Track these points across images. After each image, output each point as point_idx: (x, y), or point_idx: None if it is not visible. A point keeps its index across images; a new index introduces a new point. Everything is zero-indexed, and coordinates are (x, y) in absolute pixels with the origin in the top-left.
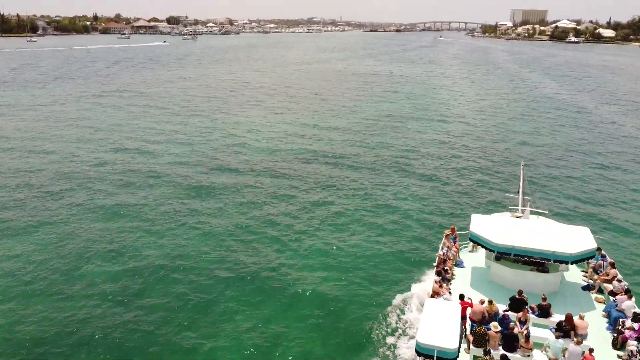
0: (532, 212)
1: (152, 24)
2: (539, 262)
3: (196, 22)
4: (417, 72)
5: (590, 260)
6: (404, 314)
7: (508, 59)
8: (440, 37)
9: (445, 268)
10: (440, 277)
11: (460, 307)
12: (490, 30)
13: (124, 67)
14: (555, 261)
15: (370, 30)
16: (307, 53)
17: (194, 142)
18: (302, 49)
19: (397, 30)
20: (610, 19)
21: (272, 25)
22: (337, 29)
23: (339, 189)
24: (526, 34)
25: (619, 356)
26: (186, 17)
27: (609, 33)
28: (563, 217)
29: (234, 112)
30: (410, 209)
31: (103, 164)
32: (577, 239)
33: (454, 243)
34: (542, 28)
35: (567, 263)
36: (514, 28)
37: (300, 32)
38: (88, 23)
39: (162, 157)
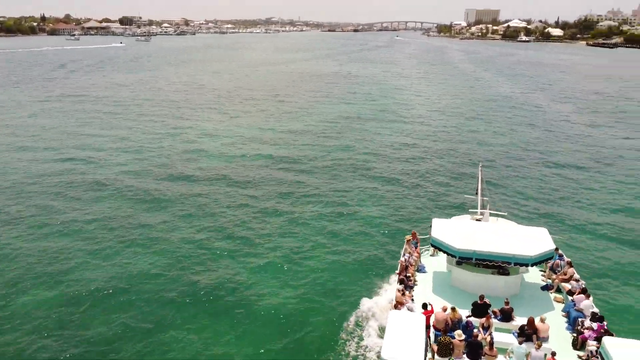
0: (491, 214)
1: (104, 24)
2: (500, 265)
3: (150, 23)
4: (375, 72)
5: (548, 260)
6: (367, 327)
7: (463, 58)
8: (397, 36)
9: (408, 275)
10: (403, 285)
11: (424, 317)
12: (445, 29)
13: (72, 70)
14: (515, 264)
15: (329, 30)
16: (265, 54)
17: (144, 150)
18: (260, 49)
19: (355, 30)
20: (558, 18)
21: (229, 25)
22: (295, 29)
23: (296, 196)
24: (480, 34)
25: (579, 356)
26: (140, 18)
27: (557, 32)
28: (521, 217)
29: (188, 116)
30: (370, 215)
31: (42, 175)
32: (536, 240)
33: (416, 248)
34: (494, 28)
35: (527, 265)
36: (468, 28)
37: (258, 32)
38: (35, 24)
39: (108, 166)
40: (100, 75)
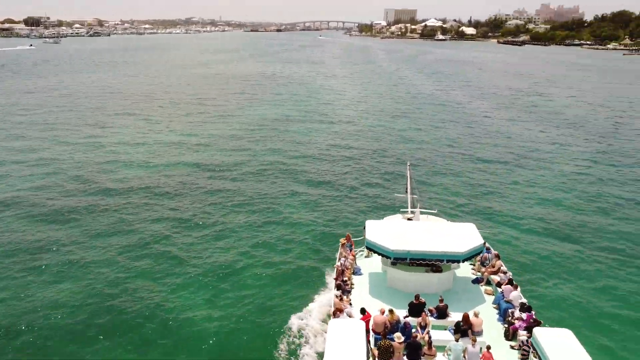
0: (422, 212)
1: (7, 25)
2: (433, 263)
3: (60, 23)
4: (300, 72)
5: (478, 254)
6: (306, 338)
7: (386, 57)
8: (320, 36)
9: (345, 279)
10: (341, 291)
11: (363, 323)
12: (366, 29)
13: None
14: (448, 261)
15: (252, 30)
16: (186, 55)
17: (53, 162)
18: (181, 51)
19: (278, 30)
20: (470, 17)
21: (147, 26)
22: (217, 29)
23: (223, 205)
24: (399, 33)
25: (511, 347)
26: (48, 18)
27: (470, 31)
28: (450, 213)
29: (103, 124)
30: (302, 221)
31: None
32: (466, 237)
33: (351, 251)
34: (413, 27)
35: (459, 262)
36: (388, 27)
37: (178, 32)
38: None
39: (10, 182)
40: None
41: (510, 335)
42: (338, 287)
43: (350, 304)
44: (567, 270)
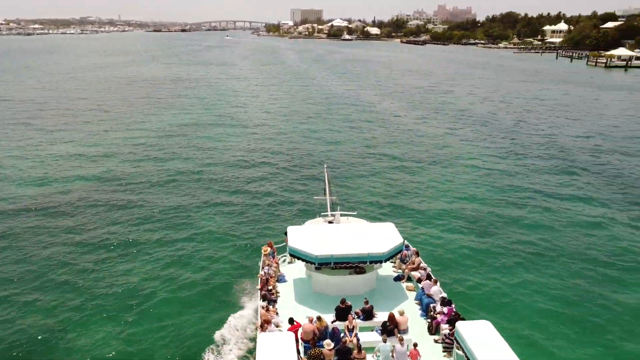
0: (342, 214)
1: None
2: (357, 265)
3: None
4: (209, 74)
5: (398, 253)
6: (235, 356)
7: (296, 57)
8: (227, 36)
9: (269, 288)
10: (267, 301)
11: (292, 334)
12: (274, 29)
13: None
14: (371, 262)
15: (154, 30)
16: (83, 58)
17: None
18: (76, 53)
19: (183, 30)
20: (374, 18)
21: (36, 25)
22: (115, 29)
23: (128, 222)
24: (307, 33)
25: (435, 340)
26: None
27: (375, 31)
28: (369, 214)
29: None
30: (219, 232)
31: None
32: (386, 236)
33: (274, 258)
34: (319, 27)
35: (381, 262)
36: (295, 27)
37: (72, 33)
38: None
39: None
40: None
41: (434, 329)
42: (263, 297)
43: (277, 314)
44: (483, 264)
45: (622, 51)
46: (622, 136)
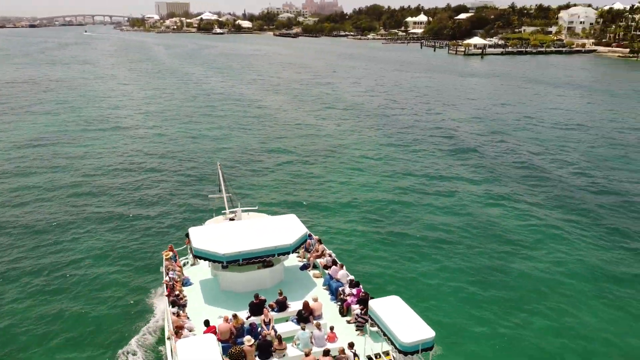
0: (243, 210)
1: None
2: (265, 259)
3: None
4: (70, 75)
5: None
6: None
7: (168, 53)
8: (86, 32)
9: (177, 293)
10: (176, 307)
11: (213, 335)
12: (138, 23)
13: None
14: (279, 254)
15: None
16: None
17: None
18: None
19: (32, 26)
20: (245, 11)
21: None
22: None
23: (6, 244)
24: (175, 27)
25: (347, 321)
26: None
27: (247, 24)
28: (269, 208)
29: None
30: (109, 245)
31: None
32: (290, 228)
33: (176, 262)
34: (188, 20)
35: (288, 253)
36: (162, 21)
37: None
38: None
39: None
40: None
41: (345, 311)
42: (173, 303)
43: (188, 318)
44: (384, 245)
45: (477, 40)
46: (492, 118)
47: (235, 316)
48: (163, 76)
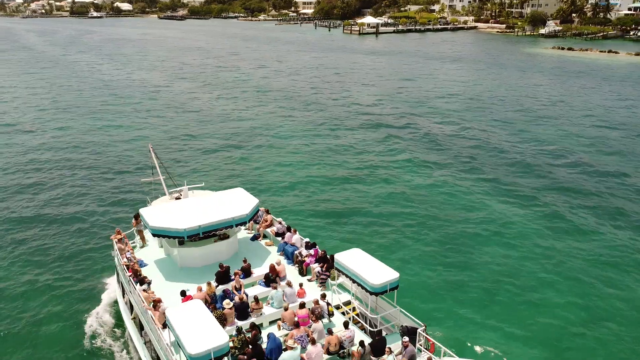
0: (190, 188)
1: None
2: (221, 232)
3: None
4: None
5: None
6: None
7: (43, 40)
8: None
9: (138, 273)
10: (146, 284)
11: (199, 300)
12: None
13: None
14: (237, 225)
15: None
16: None
17: None
18: None
19: None
20: None
21: None
22: None
23: None
24: (44, 11)
25: (309, 280)
26: None
27: (127, 7)
28: (213, 186)
29: None
30: (56, 234)
31: None
32: (242, 199)
33: (127, 245)
34: (59, 4)
35: (245, 223)
36: (26, 4)
37: None
38: None
39: None
40: None
41: (305, 271)
42: (141, 281)
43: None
44: (329, 205)
45: (370, 19)
46: (401, 93)
47: (209, 284)
48: (47, 67)
